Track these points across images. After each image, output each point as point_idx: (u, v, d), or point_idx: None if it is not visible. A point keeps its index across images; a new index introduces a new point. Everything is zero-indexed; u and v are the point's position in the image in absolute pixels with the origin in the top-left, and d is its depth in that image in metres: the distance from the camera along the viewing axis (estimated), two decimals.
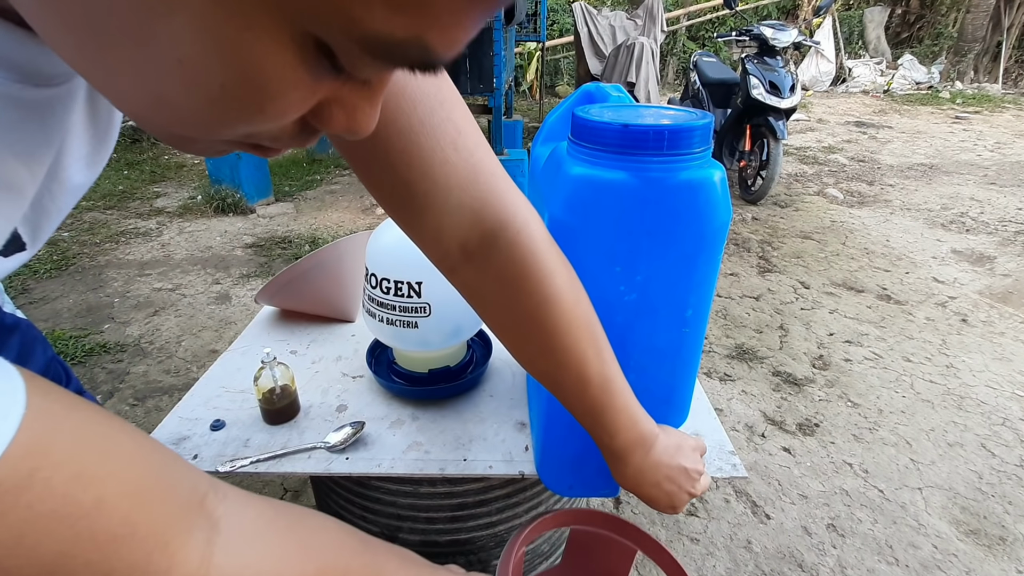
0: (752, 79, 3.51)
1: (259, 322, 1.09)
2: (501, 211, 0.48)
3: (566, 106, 0.75)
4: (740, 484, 1.51)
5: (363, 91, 0.24)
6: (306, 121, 0.25)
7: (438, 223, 0.47)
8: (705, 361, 2.07)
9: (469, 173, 0.45)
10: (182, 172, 4.41)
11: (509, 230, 0.48)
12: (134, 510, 0.31)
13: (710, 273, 0.57)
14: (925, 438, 1.70)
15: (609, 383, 0.53)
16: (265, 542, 0.39)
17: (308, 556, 0.41)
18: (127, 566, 0.30)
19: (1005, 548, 1.34)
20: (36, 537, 0.27)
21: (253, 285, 2.61)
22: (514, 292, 0.49)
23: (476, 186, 0.46)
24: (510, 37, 4.19)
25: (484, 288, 0.51)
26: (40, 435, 0.27)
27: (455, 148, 0.44)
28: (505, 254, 0.48)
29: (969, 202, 3.86)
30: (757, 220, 3.52)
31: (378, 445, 0.77)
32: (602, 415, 0.53)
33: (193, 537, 0.34)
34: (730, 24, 8.79)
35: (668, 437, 0.59)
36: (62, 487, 0.27)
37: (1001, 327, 2.33)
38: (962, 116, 6.72)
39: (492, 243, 0.48)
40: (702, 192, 0.51)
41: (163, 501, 0.33)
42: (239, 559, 0.36)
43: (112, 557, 0.29)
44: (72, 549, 0.28)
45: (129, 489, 0.31)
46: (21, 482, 0.26)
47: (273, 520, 0.40)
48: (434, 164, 0.43)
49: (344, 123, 0.25)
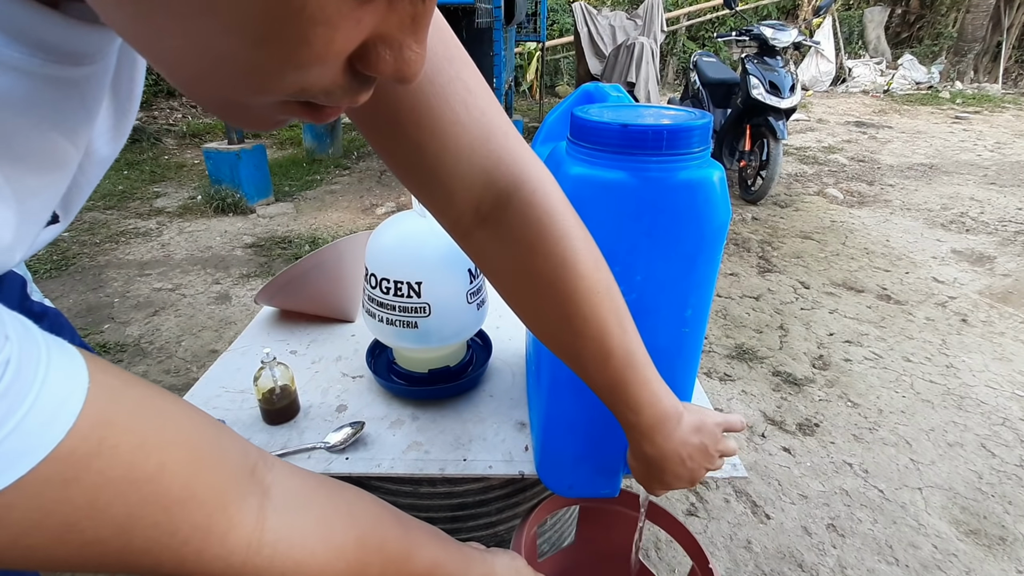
0: (752, 79, 3.51)
1: (259, 322, 1.09)
2: (515, 171, 0.46)
3: (566, 106, 0.75)
4: (740, 484, 1.51)
5: (408, 26, 0.24)
6: (355, 70, 0.25)
7: (450, 185, 0.45)
8: (705, 361, 2.07)
9: (481, 133, 0.44)
10: (182, 172, 4.41)
11: (524, 190, 0.47)
12: (193, 476, 0.33)
13: (710, 273, 0.57)
14: (925, 438, 1.70)
15: (632, 356, 0.51)
16: (311, 508, 0.41)
17: (350, 523, 0.43)
18: (190, 527, 0.32)
19: (1005, 548, 1.34)
20: (108, 500, 0.29)
21: (253, 285, 2.61)
22: (530, 254, 0.48)
23: (488, 146, 0.45)
24: (510, 37, 4.19)
25: (499, 252, 0.50)
26: (104, 407, 0.29)
27: (466, 107, 0.43)
28: (520, 214, 0.47)
29: (969, 202, 3.86)
30: (757, 220, 3.52)
31: (378, 445, 0.77)
32: (625, 390, 0.52)
33: (247, 502, 0.36)
34: (730, 24, 8.79)
35: (691, 415, 0.58)
36: (128, 454, 0.29)
37: (1001, 327, 2.33)
38: (962, 116, 6.72)
39: (506, 204, 0.47)
40: (701, 192, 0.51)
41: (218, 469, 0.35)
42: (289, 522, 0.39)
43: (176, 519, 0.32)
44: (140, 511, 0.30)
45: (188, 457, 0.33)
46: (92, 450, 0.28)
47: (316, 489, 0.43)
48: (444, 123, 0.42)
49: (392, 65, 0.25)
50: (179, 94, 6.51)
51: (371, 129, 0.44)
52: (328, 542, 0.41)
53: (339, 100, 0.26)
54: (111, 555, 0.30)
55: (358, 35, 0.23)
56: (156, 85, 6.26)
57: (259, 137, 5.28)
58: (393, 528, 0.47)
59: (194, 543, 0.33)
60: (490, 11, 2.90)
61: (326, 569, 0.40)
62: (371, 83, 0.27)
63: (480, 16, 2.89)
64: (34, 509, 0.27)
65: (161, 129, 5.52)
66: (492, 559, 0.57)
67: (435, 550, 0.50)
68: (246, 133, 3.62)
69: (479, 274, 0.82)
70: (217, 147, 3.52)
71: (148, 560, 0.32)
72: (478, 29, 3.01)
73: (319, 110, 0.27)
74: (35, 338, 0.27)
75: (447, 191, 0.46)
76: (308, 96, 0.25)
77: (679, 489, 0.61)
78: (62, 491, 0.27)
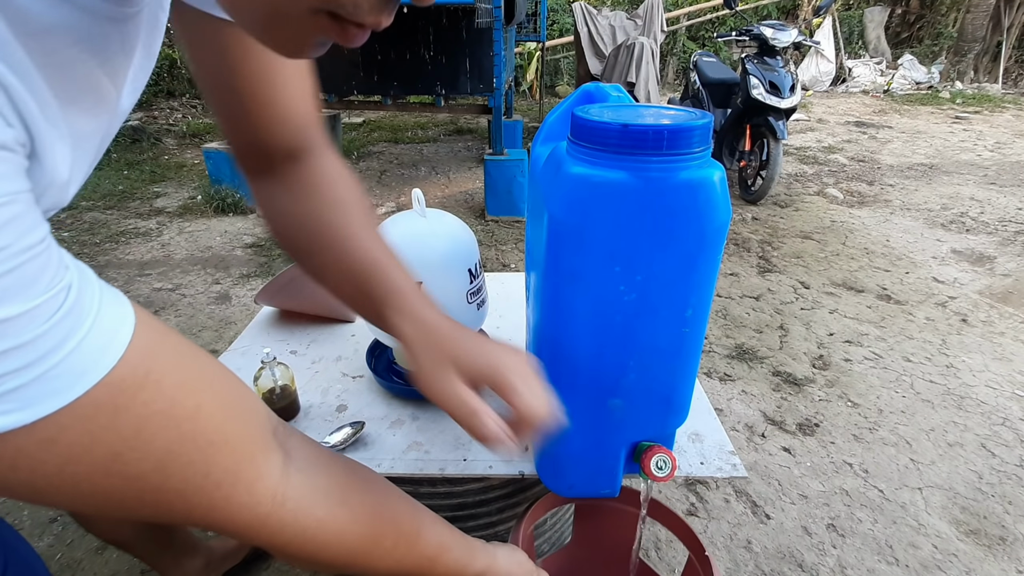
0: (752, 79, 3.51)
1: (259, 322, 1.09)
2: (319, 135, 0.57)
3: (566, 106, 0.75)
4: (740, 484, 1.51)
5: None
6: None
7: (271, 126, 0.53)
8: (705, 361, 2.07)
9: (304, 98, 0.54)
10: (182, 172, 4.41)
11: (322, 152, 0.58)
12: (226, 422, 0.34)
13: (710, 273, 0.57)
14: (925, 438, 1.70)
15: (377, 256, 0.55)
16: (330, 471, 0.43)
17: (366, 494, 0.45)
18: (222, 470, 0.34)
19: (1005, 548, 1.34)
20: (151, 432, 0.30)
21: (253, 285, 2.61)
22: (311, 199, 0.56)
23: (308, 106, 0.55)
24: (510, 37, 4.19)
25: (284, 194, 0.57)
26: (149, 344, 0.30)
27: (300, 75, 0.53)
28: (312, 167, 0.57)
29: (969, 202, 3.86)
30: (757, 220, 3.52)
31: (378, 445, 0.77)
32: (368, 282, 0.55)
33: (273, 457, 0.38)
34: (730, 24, 8.78)
35: None
36: (170, 390, 0.31)
37: (1001, 327, 2.33)
38: (962, 116, 6.71)
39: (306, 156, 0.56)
40: (702, 192, 0.51)
41: (248, 420, 0.37)
42: (311, 482, 0.40)
43: (210, 460, 0.33)
44: (179, 447, 0.31)
45: (222, 403, 0.34)
46: (139, 381, 0.29)
47: (333, 459, 0.45)
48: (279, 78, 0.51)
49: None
50: (179, 94, 6.51)
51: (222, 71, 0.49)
52: (347, 506, 0.42)
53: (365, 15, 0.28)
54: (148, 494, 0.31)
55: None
56: (156, 85, 6.26)
57: None
58: (405, 505, 0.49)
59: (224, 487, 0.34)
60: (490, 11, 2.90)
61: (344, 533, 0.42)
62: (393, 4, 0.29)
63: (480, 16, 2.89)
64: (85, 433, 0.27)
65: (161, 129, 5.52)
66: (494, 550, 0.59)
67: (443, 533, 0.52)
68: None
69: (479, 274, 0.82)
70: (217, 147, 3.52)
71: (181, 504, 0.33)
72: (478, 29, 3.01)
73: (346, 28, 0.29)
74: (89, 274, 0.29)
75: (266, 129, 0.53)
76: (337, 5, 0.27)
77: None
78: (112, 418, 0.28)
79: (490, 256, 2.95)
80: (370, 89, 3.28)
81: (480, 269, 0.83)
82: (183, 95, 6.52)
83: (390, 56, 3.15)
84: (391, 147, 5.35)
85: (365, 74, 3.20)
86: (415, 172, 4.53)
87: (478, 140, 5.62)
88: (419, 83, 3.24)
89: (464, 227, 0.82)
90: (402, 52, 3.14)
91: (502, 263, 2.88)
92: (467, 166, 4.68)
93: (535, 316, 0.67)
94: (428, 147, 5.36)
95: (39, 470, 0.27)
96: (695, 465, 0.75)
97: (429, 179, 4.35)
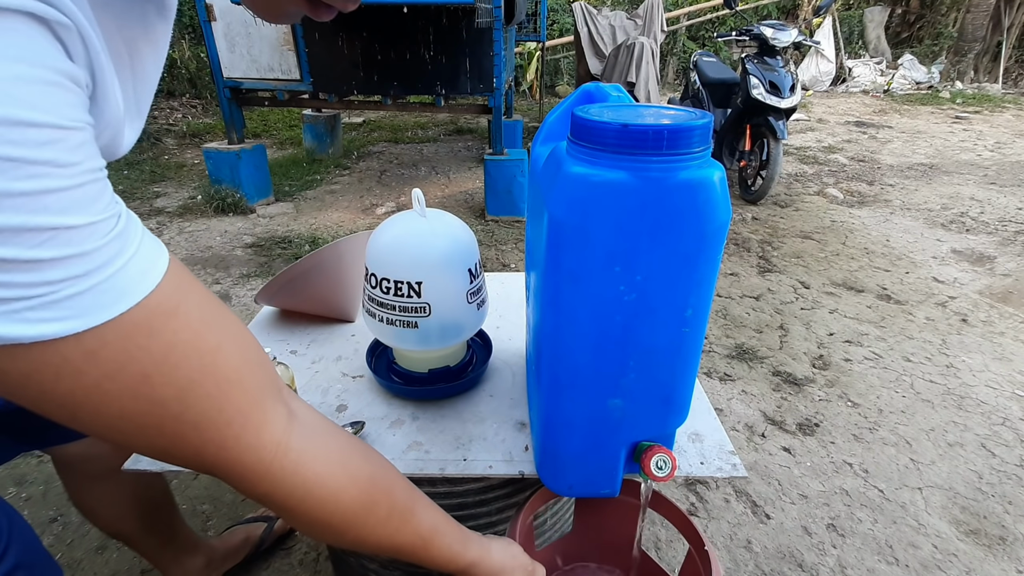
0: (752, 79, 3.51)
1: (259, 322, 1.09)
2: None
3: (566, 106, 0.75)
4: (740, 484, 1.51)
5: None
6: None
7: None
8: (705, 361, 2.07)
9: None
10: (182, 172, 4.41)
11: None
12: (243, 365, 0.37)
13: (710, 273, 0.56)
14: (925, 438, 1.70)
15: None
16: (331, 437, 0.45)
17: (365, 461, 0.47)
18: (235, 409, 0.36)
19: (1005, 548, 1.34)
20: (177, 359, 0.32)
21: (253, 285, 2.61)
22: None
23: None
24: (510, 37, 4.19)
25: None
26: (180, 282, 0.33)
27: None
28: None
29: (969, 202, 3.86)
30: (757, 220, 3.52)
31: (378, 445, 0.77)
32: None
33: (279, 409, 0.40)
34: (730, 24, 8.78)
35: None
36: (197, 324, 0.34)
37: (1001, 327, 2.33)
38: (962, 116, 6.71)
39: None
40: (702, 192, 0.51)
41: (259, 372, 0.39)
42: (313, 440, 0.42)
43: (224, 397, 0.35)
44: (199, 378, 0.33)
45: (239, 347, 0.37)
46: (170, 309, 0.32)
47: (335, 427, 0.47)
48: None
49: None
50: (179, 94, 6.50)
51: None
52: (346, 467, 0.44)
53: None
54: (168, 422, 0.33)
55: None
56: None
57: (259, 137, 5.29)
58: (402, 482, 0.51)
59: (235, 426, 0.36)
60: (490, 11, 2.90)
61: (340, 492, 0.43)
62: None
63: (480, 16, 2.89)
64: (121, 351, 0.30)
65: (161, 129, 5.52)
66: (489, 542, 0.60)
67: (437, 517, 0.54)
68: (246, 133, 3.62)
69: (479, 274, 0.82)
70: (217, 147, 3.52)
71: (195, 437, 0.35)
72: (478, 29, 3.00)
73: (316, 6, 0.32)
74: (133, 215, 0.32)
75: None
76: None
77: None
78: (146, 339, 0.31)
79: (490, 256, 2.95)
80: (370, 89, 3.28)
81: (480, 269, 0.83)
82: (183, 95, 6.52)
83: (390, 56, 3.15)
84: (391, 147, 5.35)
85: (365, 74, 3.19)
86: (415, 172, 4.53)
87: (478, 140, 5.62)
88: (419, 83, 3.23)
89: (464, 227, 0.81)
90: (402, 52, 3.14)
91: (502, 263, 2.88)
92: (467, 166, 4.68)
93: (535, 316, 0.67)
94: (428, 147, 5.36)
95: (79, 382, 0.29)
96: (695, 465, 0.75)
97: (429, 179, 4.35)
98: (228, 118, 3.50)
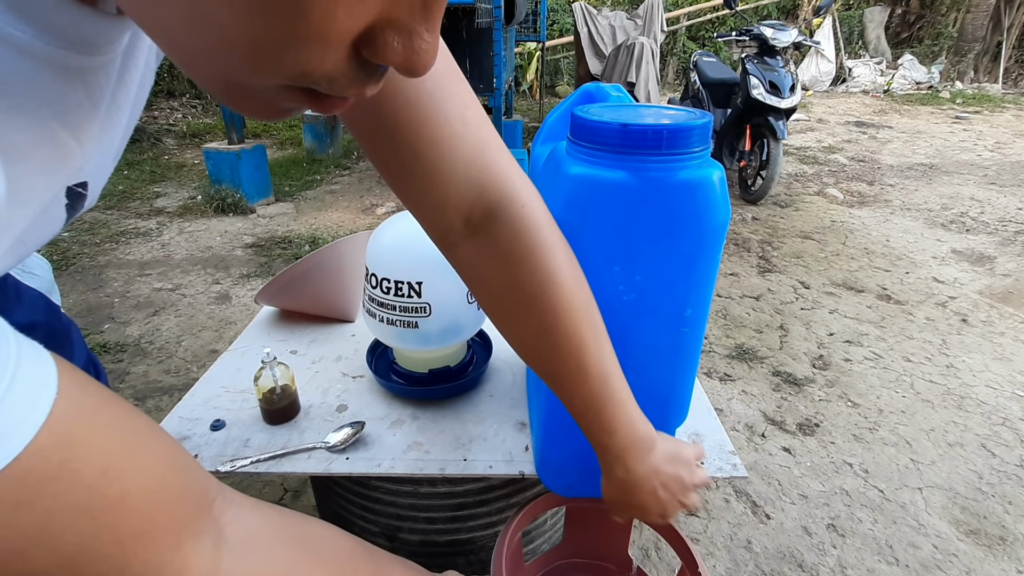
0: (752, 79, 3.51)
1: (259, 322, 1.09)
2: (506, 185, 0.47)
3: (566, 106, 0.75)
4: (740, 484, 1.51)
5: (419, 11, 0.23)
6: (362, 58, 0.23)
7: (443, 195, 0.46)
8: (705, 361, 2.07)
9: (476, 146, 0.45)
10: (182, 172, 4.41)
11: (514, 204, 0.48)
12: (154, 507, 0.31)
13: (709, 273, 0.57)
14: (925, 438, 1.70)
15: (608, 376, 0.51)
16: (272, 549, 0.39)
17: (316, 562, 0.41)
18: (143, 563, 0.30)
19: (1005, 548, 1.34)
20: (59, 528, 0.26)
21: (253, 285, 2.61)
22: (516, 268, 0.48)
23: (482, 159, 0.46)
24: (510, 37, 4.19)
25: (485, 264, 0.50)
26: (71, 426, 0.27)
27: (463, 121, 0.44)
28: (509, 228, 0.48)
29: (969, 202, 3.86)
30: (757, 220, 3.52)
31: (378, 445, 0.77)
32: (600, 410, 0.52)
33: (203, 542, 0.34)
34: (730, 24, 8.79)
35: (665, 443, 0.57)
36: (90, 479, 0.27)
37: (1001, 327, 2.33)
38: (962, 116, 6.71)
39: (496, 216, 0.48)
40: (701, 192, 0.51)
41: (181, 501, 0.33)
42: (245, 565, 0.36)
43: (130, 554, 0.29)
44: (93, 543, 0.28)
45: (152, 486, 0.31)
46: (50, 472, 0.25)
47: (280, 528, 0.40)
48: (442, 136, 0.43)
49: (401, 54, 0.23)
50: (179, 94, 6.51)
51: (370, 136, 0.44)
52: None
53: (344, 89, 0.25)
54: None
55: (363, 15, 0.22)
56: (156, 85, 6.26)
57: (259, 137, 5.28)
58: (364, 564, 0.46)
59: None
60: (490, 11, 2.90)
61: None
62: (379, 74, 0.25)
63: (480, 16, 2.89)
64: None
65: (161, 129, 5.52)
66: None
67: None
68: (246, 133, 3.62)
69: None
70: (217, 147, 3.52)
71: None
72: (478, 29, 3.01)
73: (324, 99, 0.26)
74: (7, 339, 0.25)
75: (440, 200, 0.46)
76: (310, 82, 0.24)
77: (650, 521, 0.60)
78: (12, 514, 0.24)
79: None
80: None
81: None
82: (183, 95, 6.52)
83: None
84: None
85: None
86: None
87: None
88: None
89: None
90: None
91: None
92: None
93: None
94: None
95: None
96: None
97: None
98: (228, 118, 3.50)
